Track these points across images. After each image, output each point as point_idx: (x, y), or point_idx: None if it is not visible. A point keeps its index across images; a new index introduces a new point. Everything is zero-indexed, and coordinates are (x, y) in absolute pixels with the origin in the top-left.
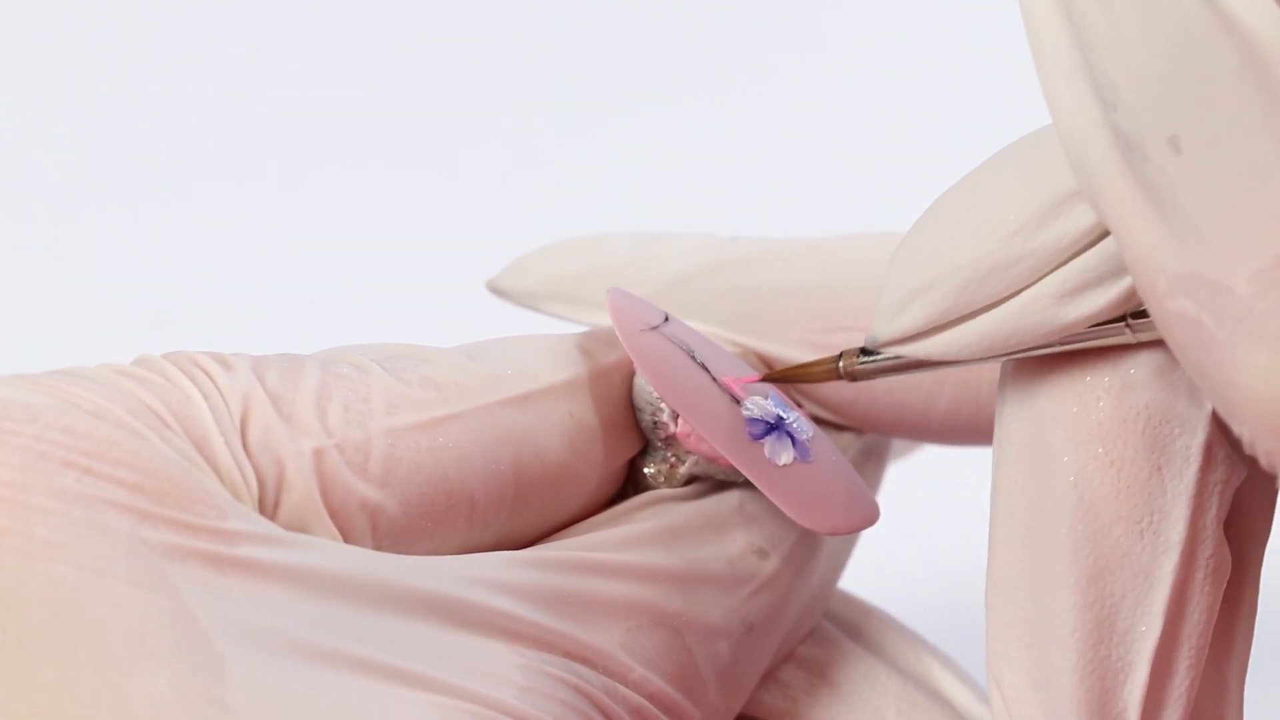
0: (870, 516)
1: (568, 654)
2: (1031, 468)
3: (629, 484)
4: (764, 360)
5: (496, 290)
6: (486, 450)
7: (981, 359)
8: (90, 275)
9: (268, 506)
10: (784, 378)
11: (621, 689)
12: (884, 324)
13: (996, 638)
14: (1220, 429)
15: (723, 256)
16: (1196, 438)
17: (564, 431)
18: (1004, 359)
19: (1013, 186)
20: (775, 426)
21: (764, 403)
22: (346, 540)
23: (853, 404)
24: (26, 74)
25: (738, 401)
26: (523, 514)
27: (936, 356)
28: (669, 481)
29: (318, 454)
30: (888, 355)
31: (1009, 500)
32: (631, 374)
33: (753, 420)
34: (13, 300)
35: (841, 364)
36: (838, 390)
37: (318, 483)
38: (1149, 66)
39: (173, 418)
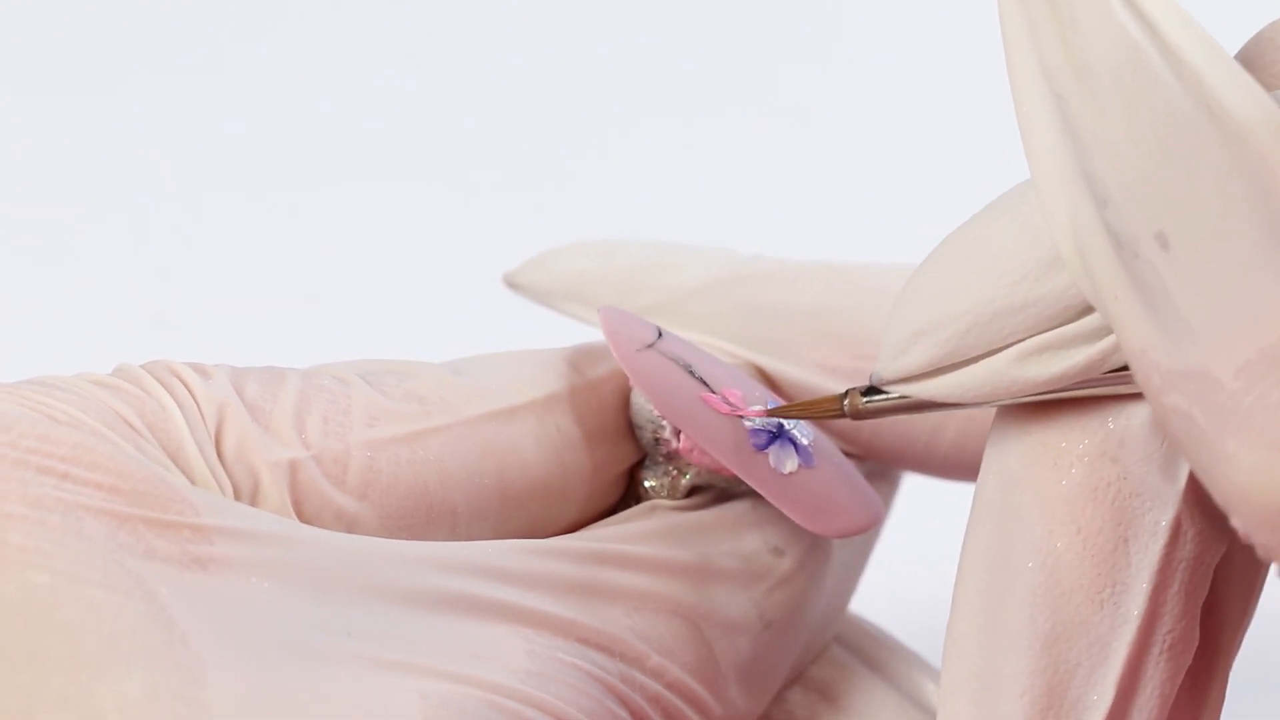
0: (877, 515)
1: (583, 640)
2: (1000, 525)
3: (629, 496)
4: (768, 378)
5: (513, 284)
6: (469, 463)
7: (986, 402)
8: (93, 279)
9: None
10: (788, 414)
11: (639, 676)
12: (888, 363)
13: (948, 691)
14: (1192, 507)
15: (741, 271)
16: (1166, 514)
17: (550, 444)
18: (1010, 402)
19: (1019, 233)
20: (777, 435)
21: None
22: None
23: (858, 431)
24: (32, 77)
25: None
26: (510, 525)
27: (940, 398)
28: (671, 493)
29: (293, 465)
30: (893, 395)
31: (974, 555)
32: (623, 387)
33: (755, 431)
34: (14, 303)
35: (846, 403)
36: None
37: (291, 493)
38: (1136, 164)
39: (146, 428)
